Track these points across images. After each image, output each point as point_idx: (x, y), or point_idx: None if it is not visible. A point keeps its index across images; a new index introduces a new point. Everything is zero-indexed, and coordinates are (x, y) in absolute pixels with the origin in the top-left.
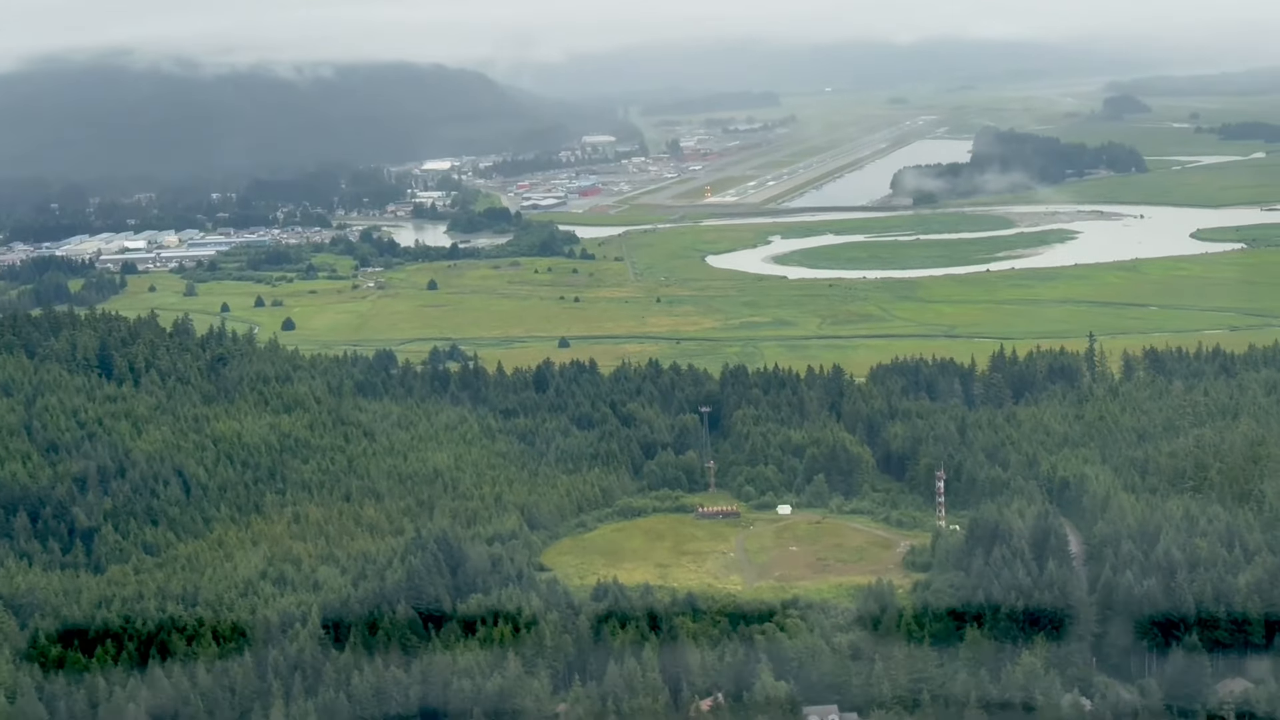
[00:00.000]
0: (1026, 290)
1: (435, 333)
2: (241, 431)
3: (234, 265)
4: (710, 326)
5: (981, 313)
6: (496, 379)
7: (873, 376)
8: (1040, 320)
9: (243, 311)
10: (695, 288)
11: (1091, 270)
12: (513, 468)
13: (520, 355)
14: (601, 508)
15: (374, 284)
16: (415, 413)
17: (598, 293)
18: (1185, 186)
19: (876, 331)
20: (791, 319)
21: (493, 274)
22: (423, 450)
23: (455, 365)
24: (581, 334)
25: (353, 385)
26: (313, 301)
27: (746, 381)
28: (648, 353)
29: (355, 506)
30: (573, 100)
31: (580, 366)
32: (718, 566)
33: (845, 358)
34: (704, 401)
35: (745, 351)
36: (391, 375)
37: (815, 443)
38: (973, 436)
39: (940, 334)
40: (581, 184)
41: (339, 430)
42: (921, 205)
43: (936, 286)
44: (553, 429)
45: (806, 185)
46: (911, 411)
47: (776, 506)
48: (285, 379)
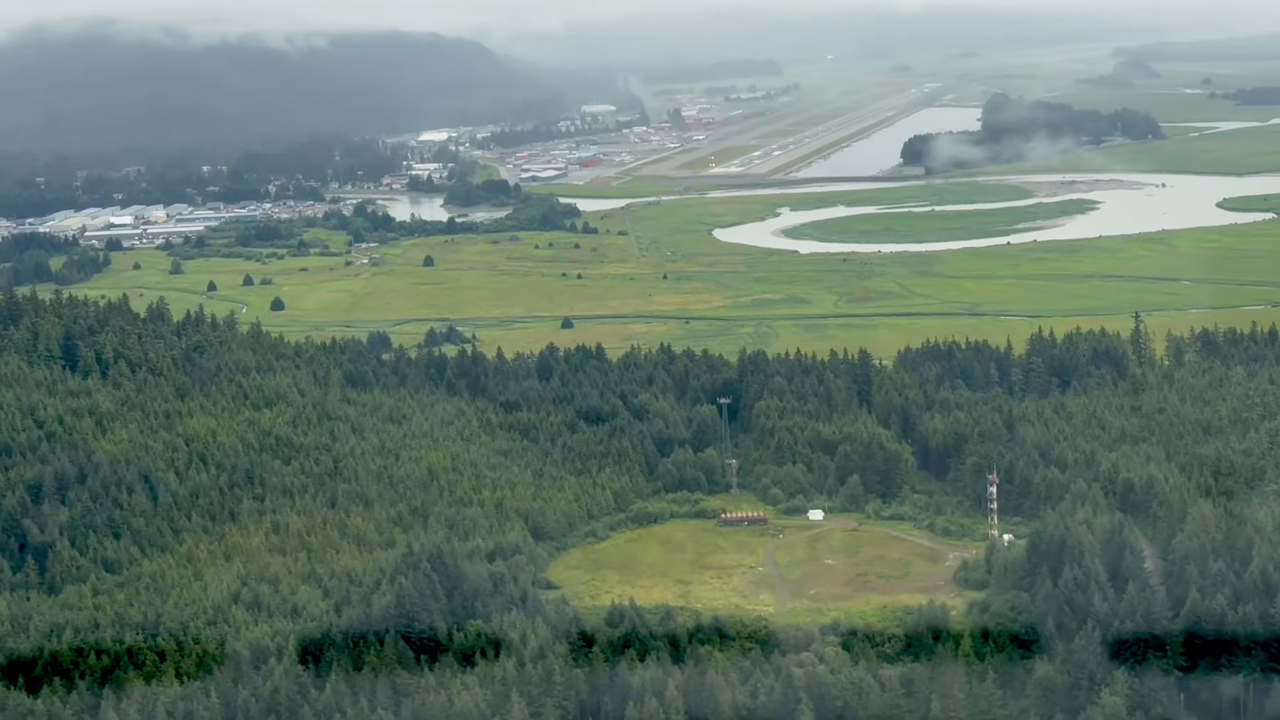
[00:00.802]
0: (1051, 264)
1: (431, 312)
2: (217, 429)
3: (223, 241)
4: (721, 305)
5: (1006, 289)
6: (496, 366)
7: (902, 361)
8: (1068, 297)
9: (230, 291)
10: (703, 263)
11: (1117, 243)
12: (515, 468)
13: (521, 337)
14: (614, 513)
15: (368, 260)
16: (409, 405)
17: (601, 269)
18: (1205, 154)
19: (897, 310)
20: (806, 296)
21: (491, 249)
22: (416, 449)
23: (452, 349)
24: (585, 313)
25: (341, 375)
26: (303, 280)
27: (767, 369)
28: (656, 334)
29: (341, 514)
30: (571, 69)
31: (586, 352)
32: (745, 583)
33: (866, 339)
34: (722, 390)
35: (759, 332)
36: (383, 363)
37: (847, 438)
38: (1021, 432)
39: (964, 312)
40: (582, 155)
41: (324, 427)
42: (934, 175)
43: (956, 261)
44: (558, 424)
45: (813, 155)
46: (950, 402)
47: (808, 511)
48: (267, 369)
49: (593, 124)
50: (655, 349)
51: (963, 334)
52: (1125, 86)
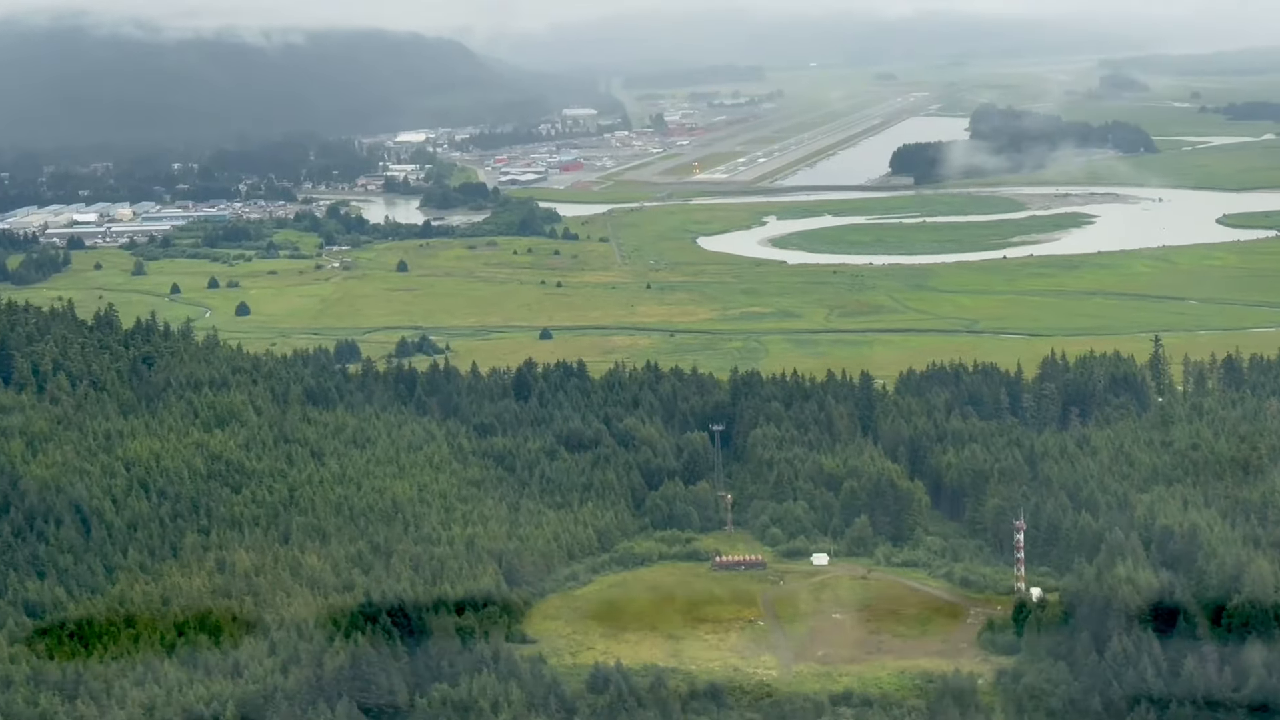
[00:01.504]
0: (1049, 280)
1: (404, 320)
2: (162, 452)
3: (189, 241)
4: (707, 317)
5: (1004, 305)
6: (470, 383)
7: (905, 384)
8: (1070, 315)
9: (194, 293)
10: (688, 272)
11: (1117, 258)
12: (488, 500)
13: (497, 348)
14: (596, 554)
15: (339, 264)
16: (374, 426)
17: (582, 277)
18: (1201, 168)
19: (891, 325)
20: (796, 309)
21: (468, 255)
22: (380, 477)
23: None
24: (565, 324)
25: (301, 392)
26: (271, 283)
27: (762, 392)
28: (639, 347)
29: (294, 551)
30: (553, 71)
31: (567, 369)
32: (744, 640)
33: (861, 356)
34: (713, 414)
35: (748, 347)
36: (348, 378)
37: (853, 473)
38: (1045, 469)
39: (962, 329)
40: (562, 158)
41: (281, 450)
42: (923, 185)
43: (950, 274)
44: (536, 450)
45: (800, 163)
46: (963, 433)
47: (811, 555)
48: (221, 385)
49: (574, 127)
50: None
51: (962, 353)
52: (1113, 98)
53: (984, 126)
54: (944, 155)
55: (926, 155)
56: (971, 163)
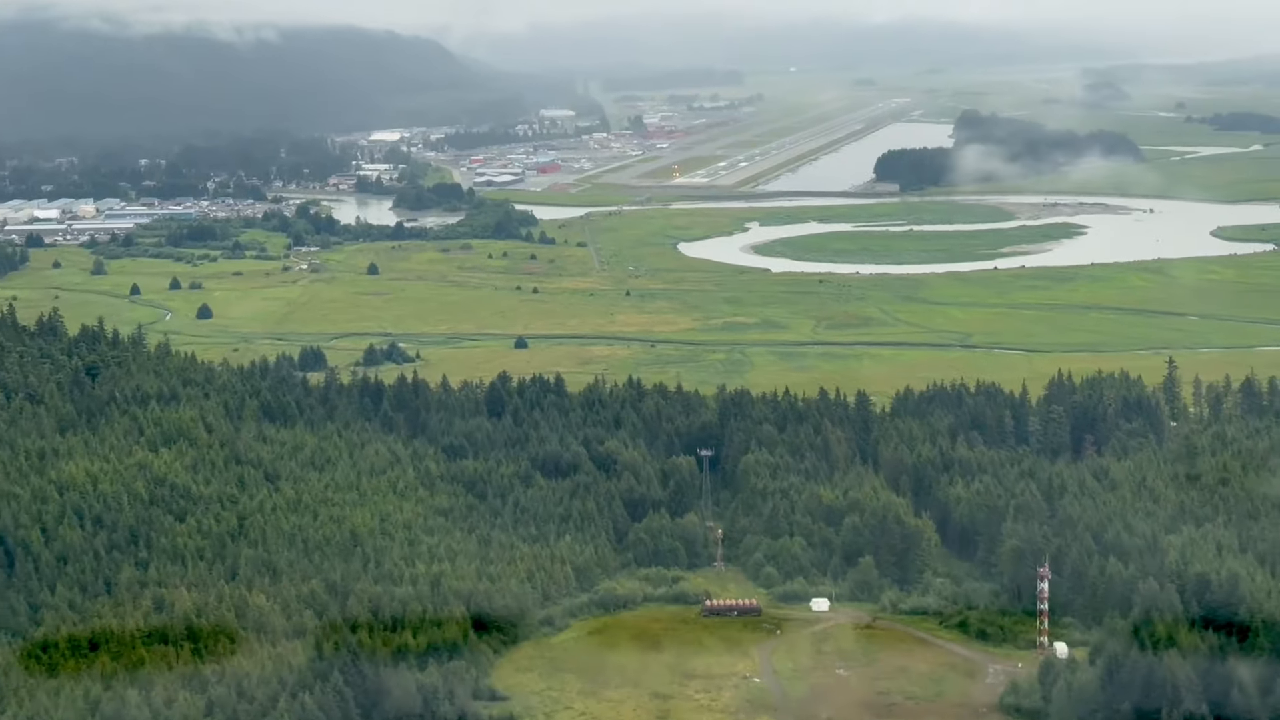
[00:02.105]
0: (1043, 293)
1: (373, 326)
2: (100, 475)
3: (152, 240)
4: (688, 327)
5: (997, 319)
6: (440, 397)
7: (902, 405)
8: (1066, 330)
9: (155, 294)
10: (668, 280)
11: (1111, 271)
12: (457, 532)
13: (470, 358)
14: (575, 594)
15: (307, 266)
16: (335, 446)
17: (559, 283)
18: (1190, 179)
19: (881, 338)
20: (781, 320)
21: (441, 258)
22: (339, 504)
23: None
24: (541, 332)
25: (258, 406)
26: (236, 285)
27: (752, 413)
28: (619, 357)
29: (242, 589)
30: (530, 72)
31: (544, 384)
32: (739, 700)
33: (851, 371)
34: (699, 435)
35: (732, 359)
36: (309, 390)
37: (854, 506)
38: (1064, 506)
39: (955, 343)
40: (540, 160)
41: (232, 473)
42: (909, 192)
43: (941, 286)
44: (510, 476)
45: (782, 167)
46: (971, 463)
47: (810, 599)
48: (170, 398)
49: (551, 129)
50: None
51: (956, 369)
52: (1096, 107)
53: (968, 133)
54: (929, 162)
55: (912, 162)
56: (958, 170)
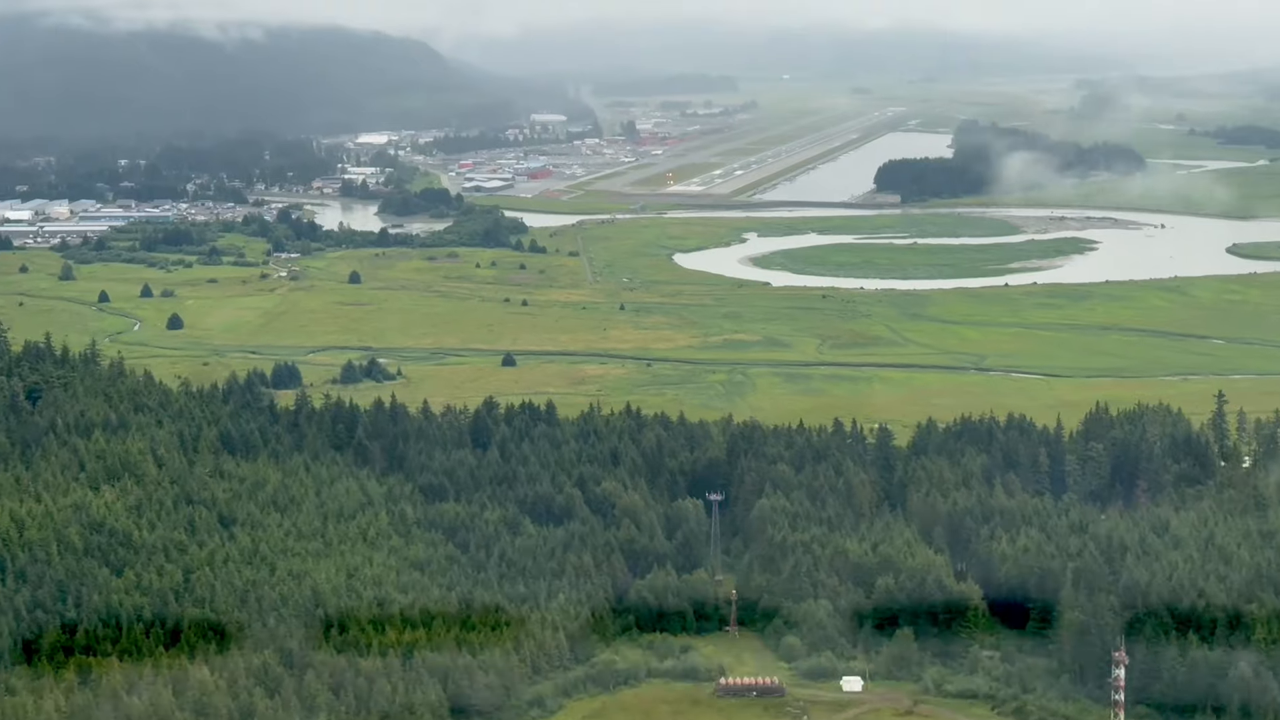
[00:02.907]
0: (1058, 311)
1: (353, 339)
2: (29, 518)
3: (126, 244)
4: (686, 344)
5: (1012, 339)
6: (420, 426)
7: (925, 440)
8: (1086, 352)
9: (125, 302)
10: (664, 293)
11: (1128, 289)
12: (435, 589)
13: (454, 375)
14: (568, 667)
15: (286, 273)
16: (301, 483)
17: (549, 294)
18: (1199, 194)
19: (891, 359)
20: (784, 338)
21: (427, 267)
22: (301, 555)
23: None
24: (530, 348)
25: (217, 436)
26: (211, 293)
27: (765, 449)
28: (613, 377)
29: (183, 658)
30: (521, 76)
31: (533, 412)
32: None
33: (861, 395)
34: (706, 474)
35: (734, 381)
36: (276, 416)
37: (887, 565)
38: (1129, 570)
39: (969, 365)
40: (530, 165)
41: (181, 515)
42: (910, 203)
43: (950, 302)
44: (495, 522)
45: (778, 176)
46: (1013, 513)
47: (841, 677)
48: (118, 427)
49: (542, 134)
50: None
51: (972, 394)
52: (1095, 119)
53: (967, 144)
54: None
55: (913, 172)
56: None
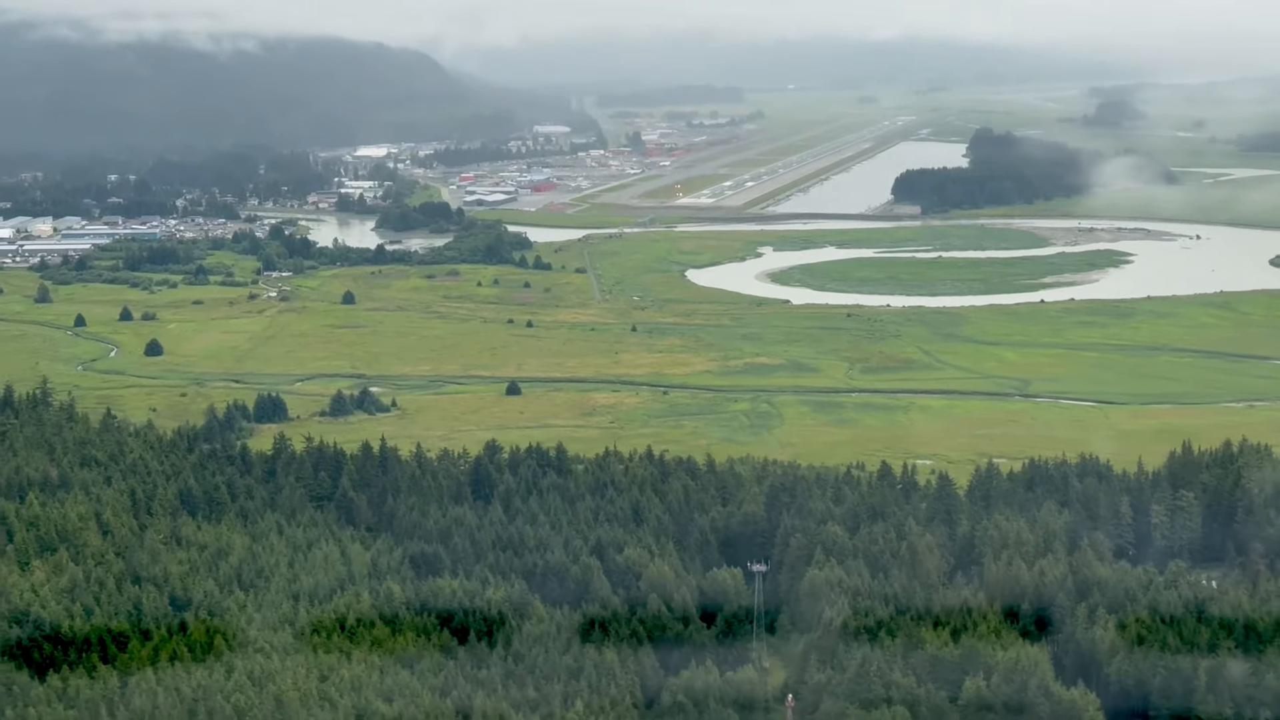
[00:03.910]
0: (1101, 330)
1: (345, 365)
2: None
3: (108, 263)
4: (705, 369)
5: (1055, 362)
6: (413, 476)
7: (985, 486)
8: (1137, 376)
9: (103, 326)
10: (678, 312)
11: (1172, 306)
12: (426, 696)
13: (454, 406)
14: None
15: (276, 294)
16: (273, 551)
17: (555, 315)
18: (1230, 203)
19: (926, 384)
20: (809, 362)
21: (426, 285)
22: (265, 651)
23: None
24: (536, 374)
25: (177, 492)
26: (195, 315)
27: (810, 506)
28: (626, 407)
29: None
30: (524, 87)
31: (542, 458)
32: None
33: (900, 429)
34: (742, 532)
35: (758, 411)
36: (249, 466)
37: (974, 660)
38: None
39: (1013, 391)
40: (534, 178)
41: (126, 598)
42: (930, 215)
43: (983, 321)
44: (499, 604)
45: (791, 187)
46: (1114, 586)
47: None
48: (59, 486)
49: (546, 145)
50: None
51: (1021, 424)
52: (1111, 126)
53: (984, 153)
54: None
55: (932, 182)
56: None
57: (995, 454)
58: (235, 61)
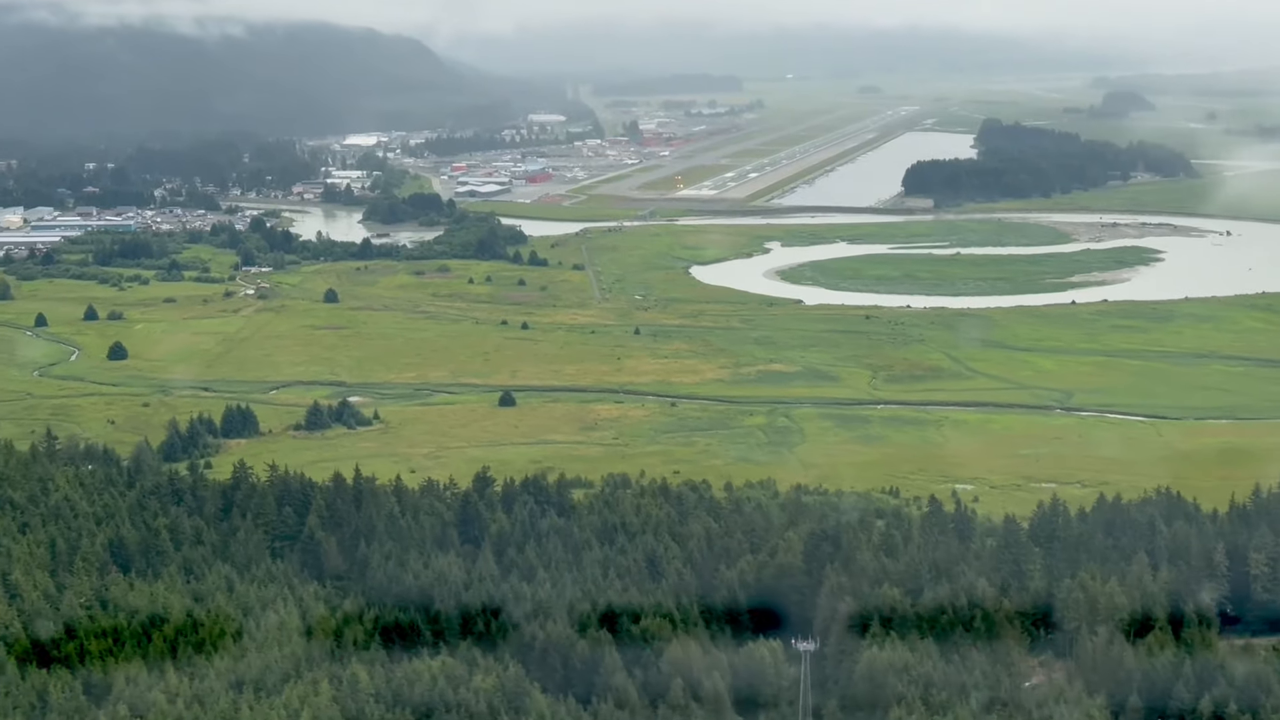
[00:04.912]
0: (1141, 336)
1: (324, 370)
2: None
3: (77, 257)
4: (715, 377)
5: (1096, 371)
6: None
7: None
8: (1187, 387)
9: (65, 326)
10: (684, 313)
11: (1213, 308)
12: None
13: (442, 419)
14: None
15: (254, 291)
16: (219, 615)
17: (552, 315)
18: (1256, 197)
19: (957, 396)
20: (827, 369)
21: (414, 283)
22: None
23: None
24: (532, 382)
25: (106, 543)
26: (166, 314)
27: (857, 561)
28: (631, 420)
29: None
30: (518, 76)
31: (540, 493)
32: None
33: (934, 447)
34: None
35: (776, 426)
36: (199, 503)
37: None
38: None
39: (1053, 404)
40: (529, 168)
41: (30, 684)
42: (944, 208)
43: (1012, 324)
44: (490, 693)
45: (796, 179)
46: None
47: None
48: None
49: (541, 134)
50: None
51: (1066, 441)
52: (1120, 118)
53: (993, 144)
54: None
55: (946, 174)
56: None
57: (1042, 478)
58: (221, 47)
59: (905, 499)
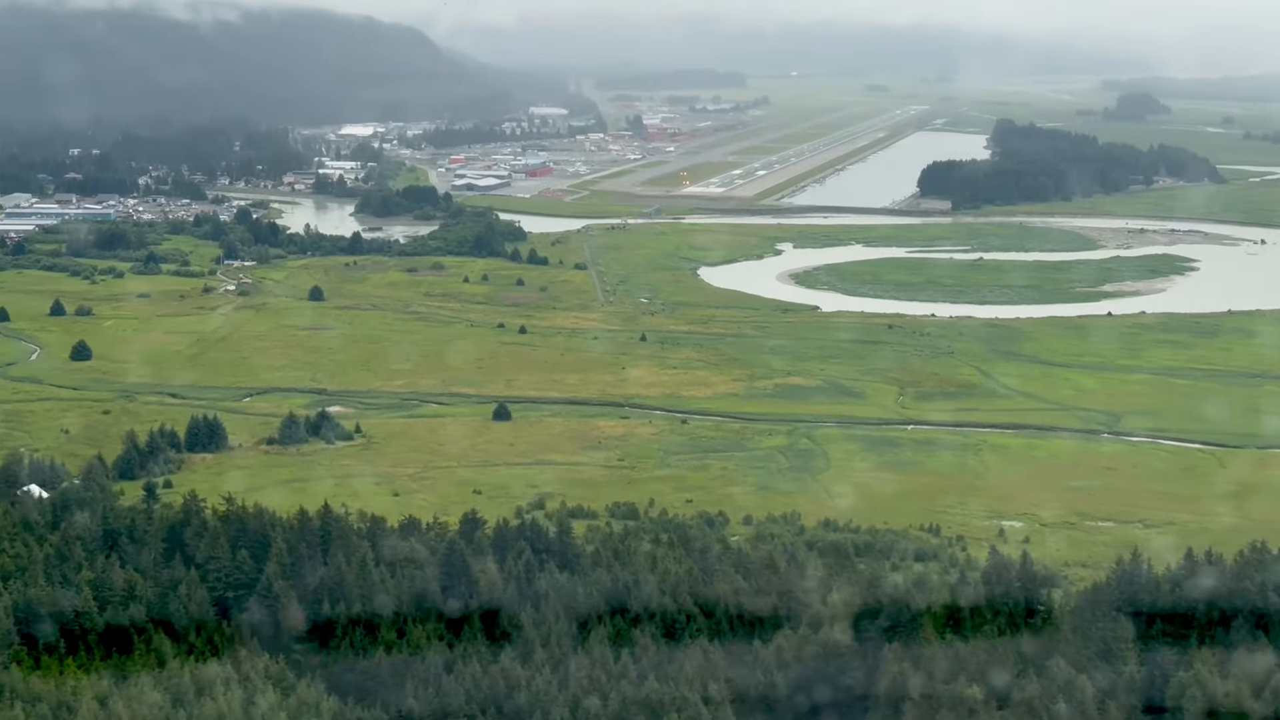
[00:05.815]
0: (1186, 351)
1: (304, 377)
2: None
3: (50, 248)
4: (728, 391)
5: (1143, 391)
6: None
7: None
8: (1244, 411)
9: (30, 322)
10: (693, 319)
11: (1259, 322)
12: None
13: (430, 435)
14: None
15: (235, 287)
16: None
17: (552, 319)
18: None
19: (994, 417)
20: (850, 383)
21: (405, 281)
22: None
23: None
24: (530, 394)
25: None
26: (138, 310)
27: (918, 640)
28: (638, 438)
29: None
30: (519, 68)
31: (538, 540)
32: None
33: (974, 475)
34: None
35: (797, 449)
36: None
37: None
38: None
39: (1100, 428)
40: (529, 161)
41: None
42: (962, 211)
43: (1045, 337)
44: None
45: (806, 178)
46: None
47: None
48: None
49: (542, 128)
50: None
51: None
52: (1135, 121)
53: (1008, 145)
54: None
55: (963, 175)
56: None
57: (1099, 515)
58: (215, 33)
59: (947, 537)
